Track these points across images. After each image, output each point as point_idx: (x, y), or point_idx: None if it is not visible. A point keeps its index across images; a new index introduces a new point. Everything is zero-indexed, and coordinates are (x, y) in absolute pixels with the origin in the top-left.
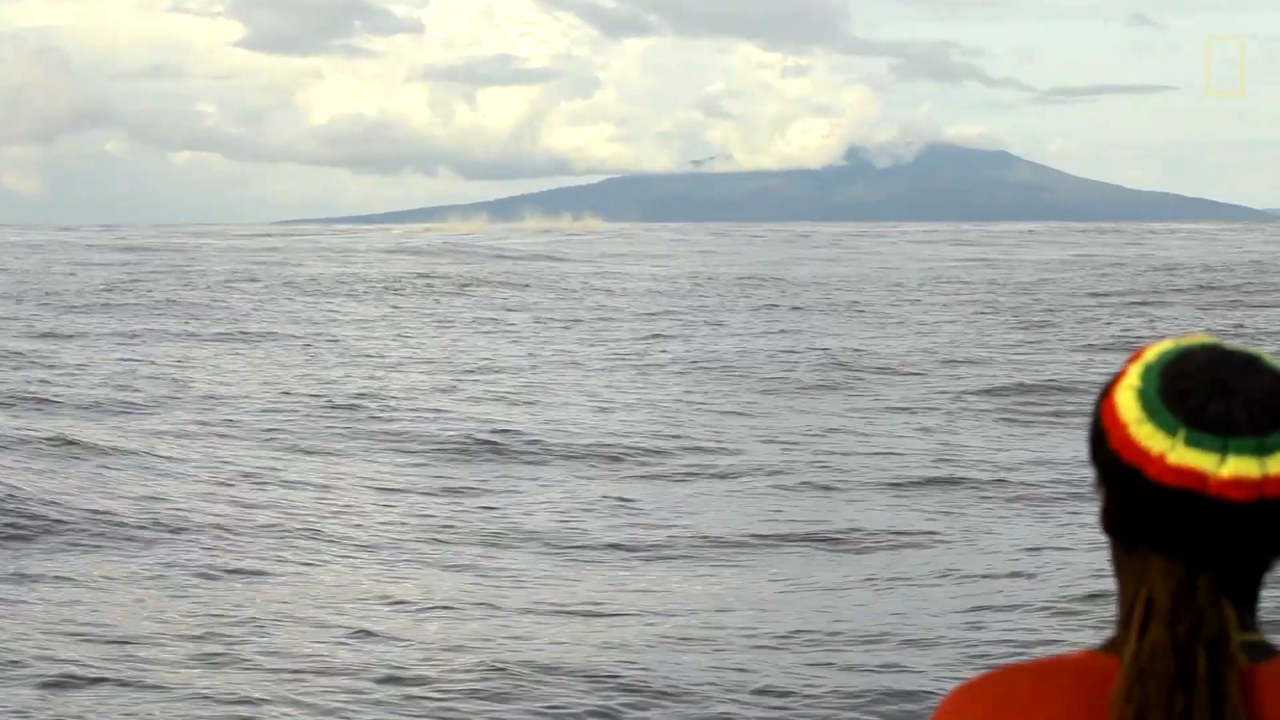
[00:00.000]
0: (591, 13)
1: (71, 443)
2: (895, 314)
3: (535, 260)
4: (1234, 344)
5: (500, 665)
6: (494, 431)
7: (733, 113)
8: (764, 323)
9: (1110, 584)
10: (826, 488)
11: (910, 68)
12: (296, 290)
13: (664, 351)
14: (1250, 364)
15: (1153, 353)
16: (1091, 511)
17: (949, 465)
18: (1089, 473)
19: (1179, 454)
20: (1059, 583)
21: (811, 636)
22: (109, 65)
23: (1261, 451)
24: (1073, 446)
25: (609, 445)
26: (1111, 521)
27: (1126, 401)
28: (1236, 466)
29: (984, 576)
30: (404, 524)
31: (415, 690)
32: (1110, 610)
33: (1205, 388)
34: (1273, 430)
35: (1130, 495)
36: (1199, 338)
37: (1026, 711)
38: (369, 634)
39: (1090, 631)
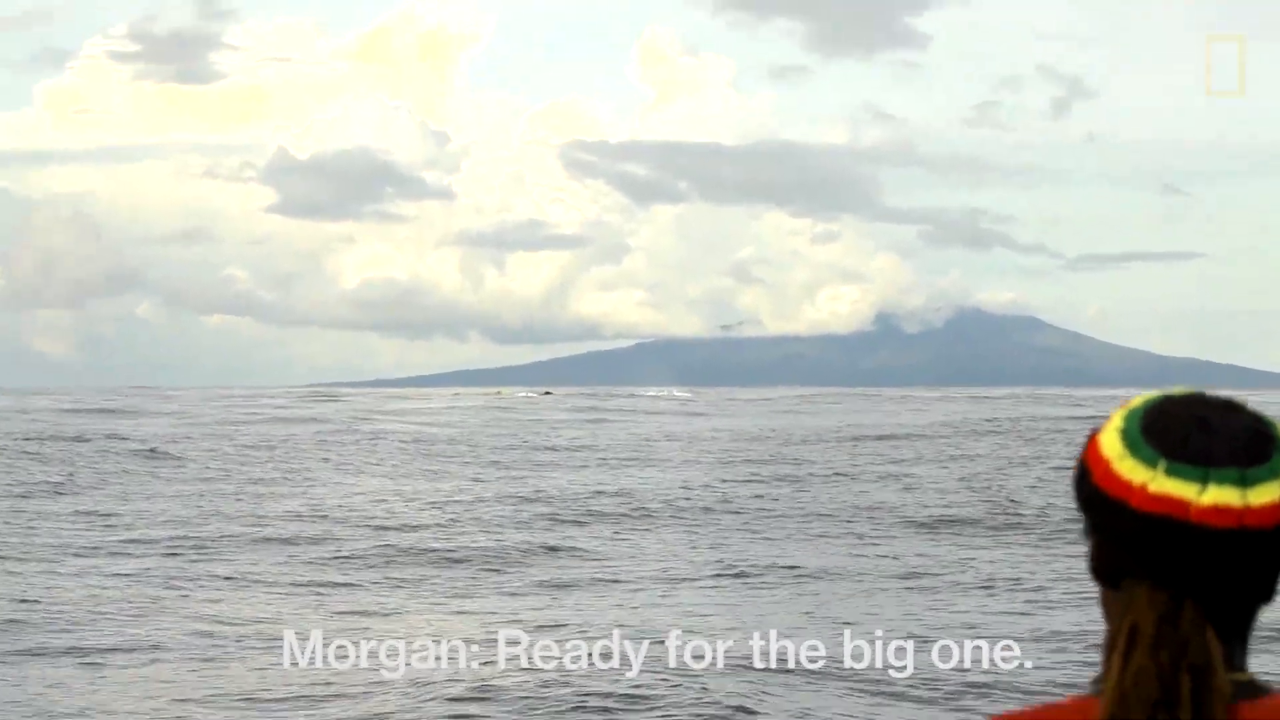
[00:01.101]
0: (621, 180)
1: None
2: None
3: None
4: (1215, 392)
5: None
6: None
7: (762, 278)
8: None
9: None
10: None
11: (940, 235)
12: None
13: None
14: (1229, 406)
15: (1137, 400)
16: None
17: None
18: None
19: (1160, 483)
20: None
21: None
22: (141, 230)
23: (1243, 483)
24: None
25: None
26: (1098, 561)
27: (1110, 440)
28: (1217, 495)
29: None
30: None
31: None
32: None
33: (1185, 424)
34: (1254, 464)
35: (1116, 528)
36: (1181, 388)
37: None
38: None
39: None
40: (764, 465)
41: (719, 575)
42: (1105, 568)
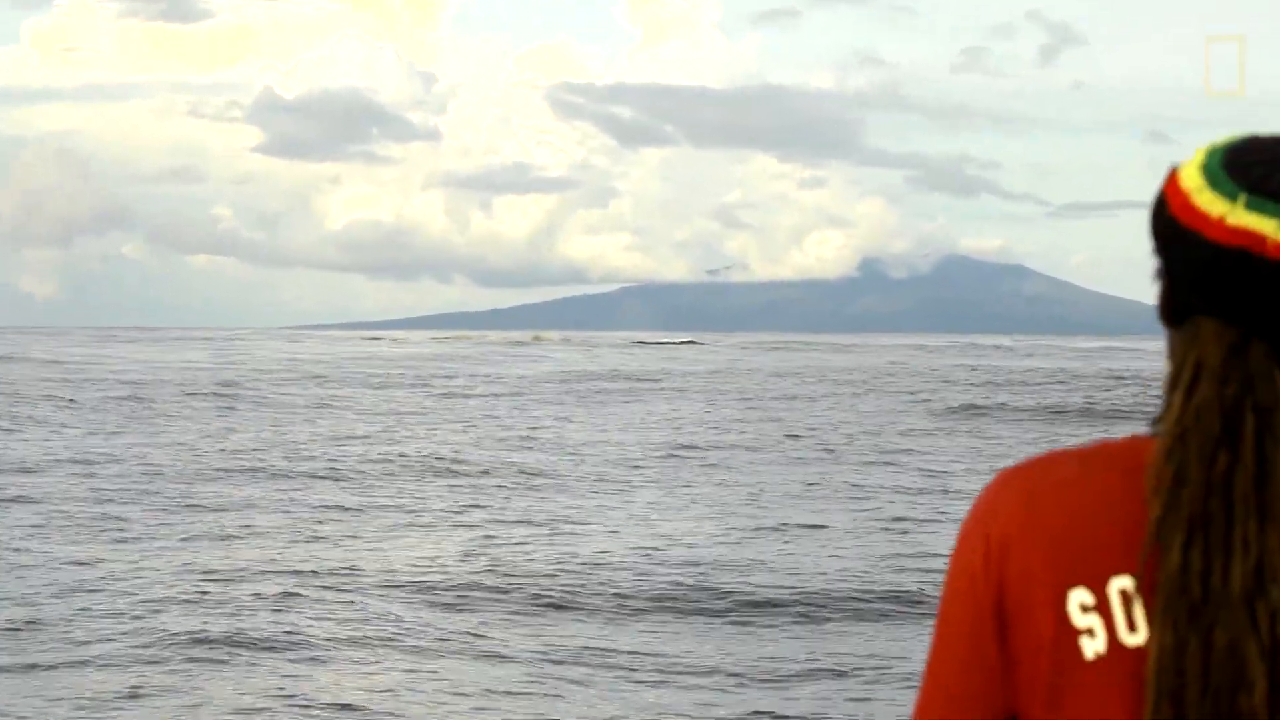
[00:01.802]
0: (608, 123)
1: None
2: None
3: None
4: None
5: None
6: None
7: (749, 223)
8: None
9: None
10: None
11: (926, 180)
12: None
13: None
14: None
15: (1222, 138)
16: None
17: None
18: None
19: (1238, 216)
20: None
21: None
22: (127, 169)
23: None
24: None
25: None
26: (1167, 298)
27: (1190, 173)
28: None
29: None
30: None
31: None
32: None
33: (1269, 161)
34: None
35: (1189, 261)
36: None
37: (1063, 490)
38: None
39: None
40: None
41: None
42: (1174, 305)
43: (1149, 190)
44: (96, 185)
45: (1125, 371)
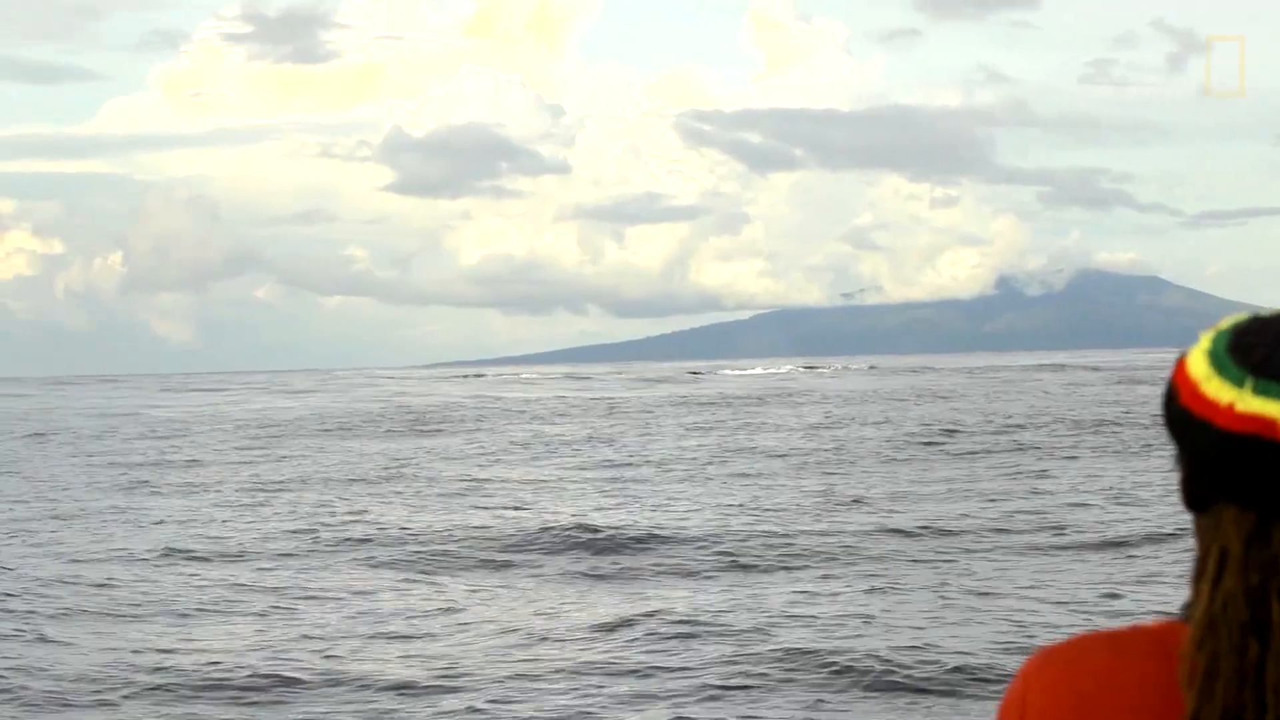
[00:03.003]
0: (737, 149)
1: None
2: None
3: None
4: None
5: None
6: None
7: (882, 244)
8: None
9: None
10: None
11: (1058, 195)
12: None
13: None
14: None
15: (1225, 322)
16: None
17: None
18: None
19: (1246, 402)
20: None
21: None
22: (257, 212)
23: None
24: None
25: None
26: (1186, 485)
27: (1197, 361)
28: None
29: None
30: None
31: None
32: None
33: (1272, 342)
34: None
35: (1202, 449)
36: (1271, 310)
37: (1102, 678)
38: None
39: None
40: None
41: None
42: (1193, 492)
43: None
44: (228, 228)
45: None
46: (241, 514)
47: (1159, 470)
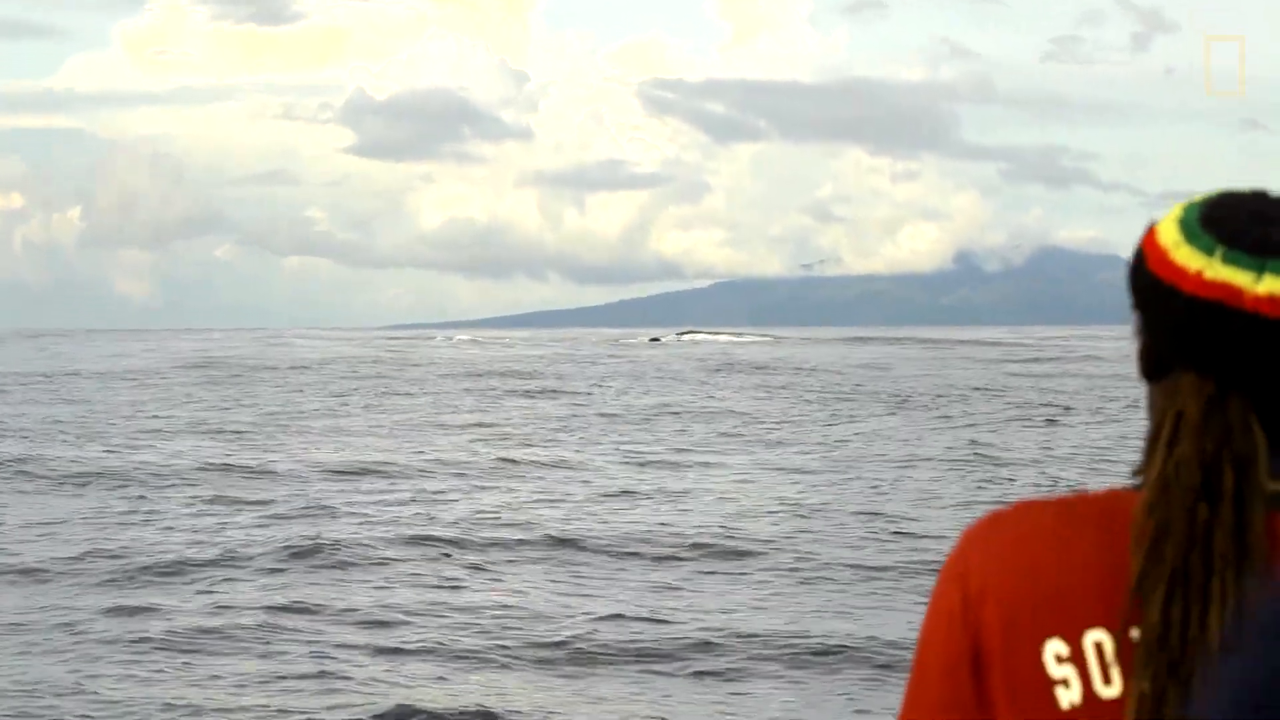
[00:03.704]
0: (700, 118)
1: None
2: None
3: None
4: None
5: None
6: None
7: (842, 216)
8: None
9: None
10: None
11: (1020, 172)
12: None
13: None
14: None
15: (1199, 195)
16: None
17: None
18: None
19: (1215, 270)
20: None
21: None
22: (219, 172)
23: None
24: None
25: None
26: (1147, 354)
27: (1167, 229)
28: (1273, 284)
29: None
30: None
31: None
32: None
33: (1246, 216)
34: None
35: (1166, 315)
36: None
37: (1041, 540)
38: None
39: None
40: None
41: None
42: (1153, 360)
43: (1243, 179)
44: (189, 188)
45: None
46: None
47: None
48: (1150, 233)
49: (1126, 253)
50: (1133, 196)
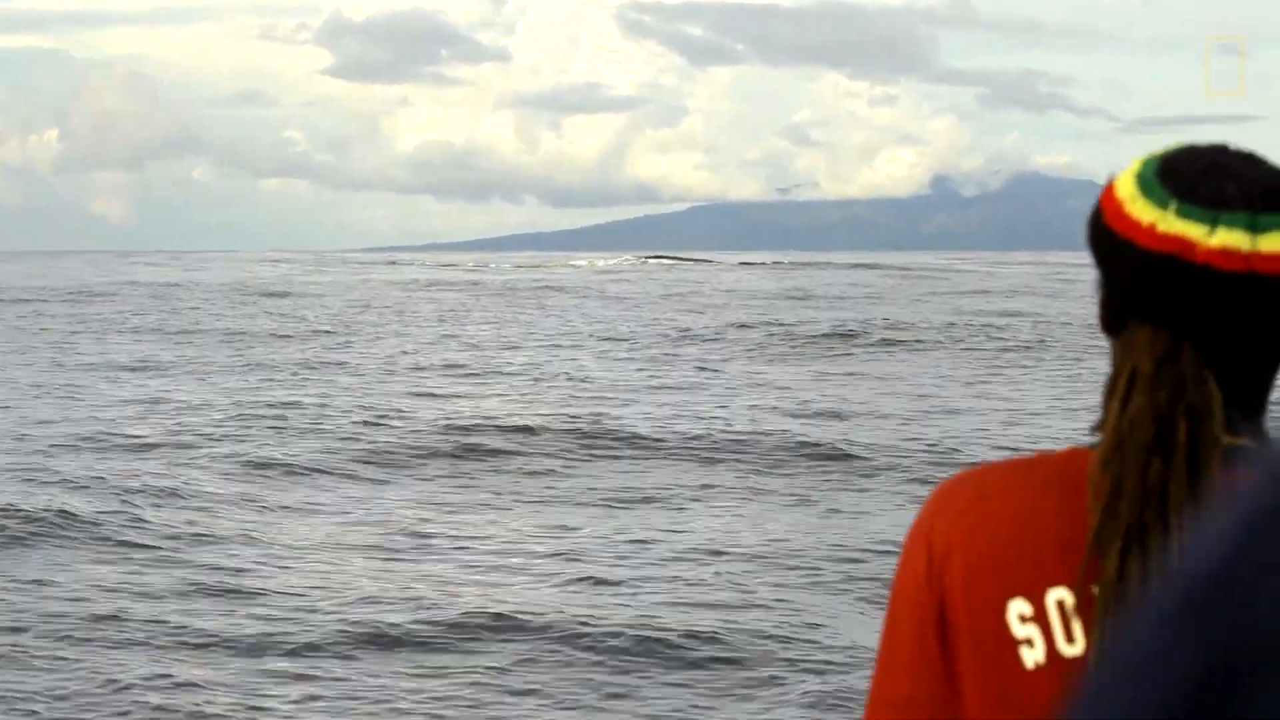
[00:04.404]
0: (678, 41)
1: None
2: None
3: None
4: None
5: None
6: None
7: (819, 141)
8: None
9: None
10: None
11: (998, 97)
12: None
13: None
14: (1250, 157)
15: (1159, 148)
16: None
17: None
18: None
19: (1169, 223)
20: None
21: None
22: (197, 92)
23: (1255, 228)
24: None
25: None
26: (1105, 308)
27: (1124, 182)
28: (1226, 237)
29: None
30: None
31: None
32: None
33: (1202, 170)
34: (1268, 211)
35: (1122, 268)
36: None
37: (1003, 501)
38: None
39: None
40: None
41: None
42: (1111, 313)
43: (1219, 105)
44: (166, 108)
45: None
46: None
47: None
48: (1108, 187)
49: (1102, 178)
50: (1109, 122)
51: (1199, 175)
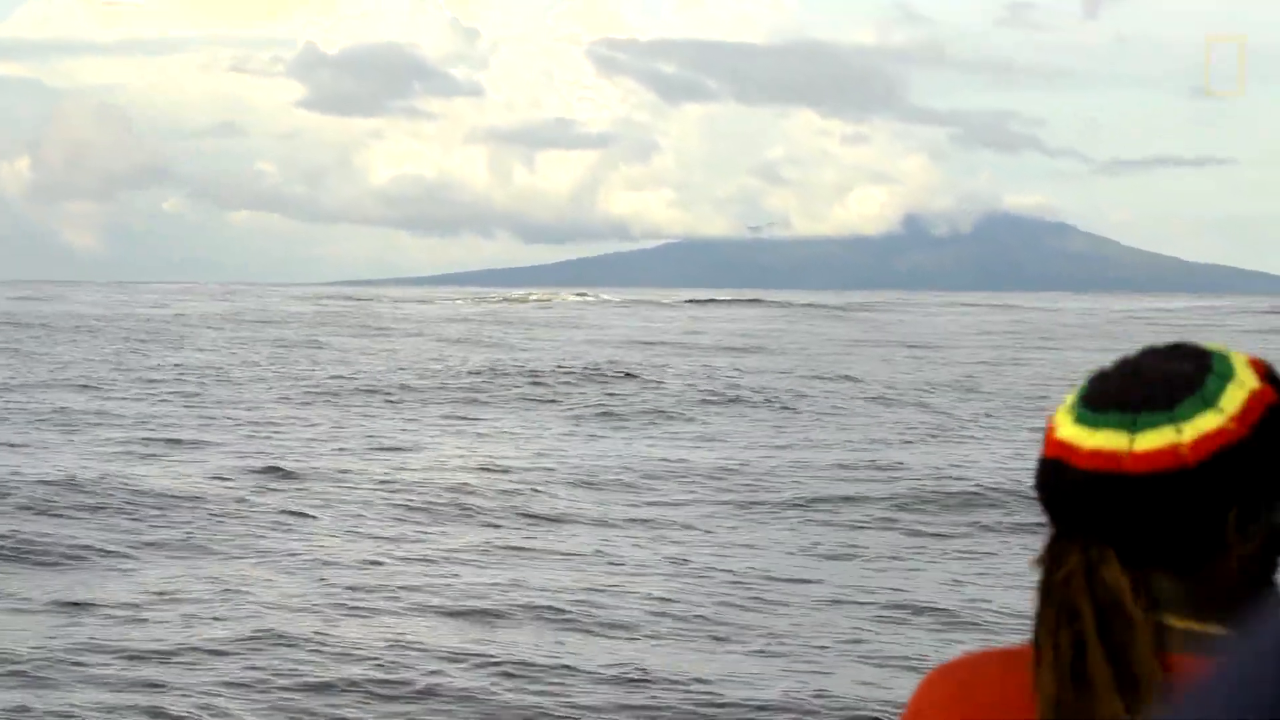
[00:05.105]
0: (650, 78)
1: None
2: None
3: None
4: (1195, 342)
5: None
6: None
7: (791, 179)
8: None
9: None
10: None
11: (970, 137)
12: None
13: None
14: (1172, 351)
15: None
16: None
17: None
18: None
19: (1064, 429)
20: None
21: None
22: (170, 124)
23: (1133, 427)
24: None
25: None
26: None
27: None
28: (1103, 439)
29: None
30: None
31: None
32: None
33: (1116, 372)
34: (1149, 410)
35: (1036, 478)
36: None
37: (990, 690)
38: None
39: None
40: None
41: None
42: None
43: (1190, 146)
44: (138, 140)
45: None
46: None
47: None
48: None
49: (1072, 219)
50: (1081, 163)
51: (1109, 378)
